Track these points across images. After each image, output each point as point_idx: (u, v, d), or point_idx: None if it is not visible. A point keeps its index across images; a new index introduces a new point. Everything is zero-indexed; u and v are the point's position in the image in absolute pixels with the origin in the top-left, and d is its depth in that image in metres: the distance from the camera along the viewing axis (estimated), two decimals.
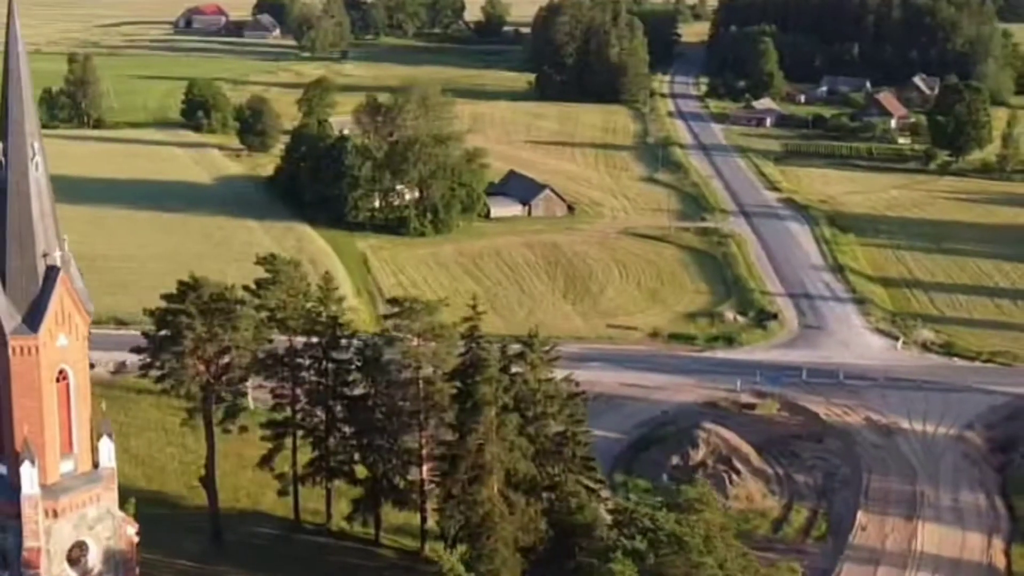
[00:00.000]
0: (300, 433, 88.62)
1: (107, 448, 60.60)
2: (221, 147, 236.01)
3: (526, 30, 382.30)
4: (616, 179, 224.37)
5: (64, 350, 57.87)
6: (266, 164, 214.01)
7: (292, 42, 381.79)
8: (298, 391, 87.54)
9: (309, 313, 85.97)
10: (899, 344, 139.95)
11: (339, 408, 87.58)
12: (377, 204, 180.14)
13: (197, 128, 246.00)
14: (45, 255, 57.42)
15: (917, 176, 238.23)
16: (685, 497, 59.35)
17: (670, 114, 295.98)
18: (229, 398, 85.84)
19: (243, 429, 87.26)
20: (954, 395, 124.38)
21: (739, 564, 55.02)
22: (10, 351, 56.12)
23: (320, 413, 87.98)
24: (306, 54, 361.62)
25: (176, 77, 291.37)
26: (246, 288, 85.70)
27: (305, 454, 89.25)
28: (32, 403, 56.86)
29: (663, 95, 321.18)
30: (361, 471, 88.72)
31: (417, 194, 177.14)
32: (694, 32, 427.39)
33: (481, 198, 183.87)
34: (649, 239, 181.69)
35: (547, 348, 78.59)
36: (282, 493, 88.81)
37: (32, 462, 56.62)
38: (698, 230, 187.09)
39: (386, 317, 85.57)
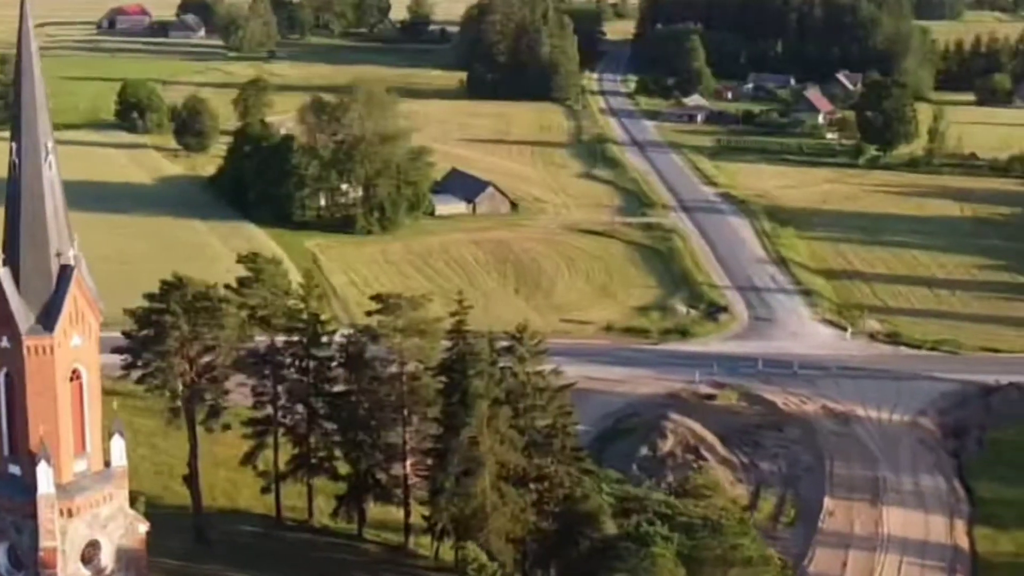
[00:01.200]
0: (281, 431, 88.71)
1: (118, 447, 60.63)
2: (158, 148, 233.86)
3: (453, 29, 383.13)
4: (555, 176, 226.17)
5: (78, 350, 57.83)
6: (205, 164, 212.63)
7: (218, 42, 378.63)
8: (279, 388, 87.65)
9: (291, 311, 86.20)
10: (848, 334, 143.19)
11: (320, 405, 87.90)
12: (323, 203, 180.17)
13: (132, 129, 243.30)
14: (59, 254, 57.37)
15: (848, 170, 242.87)
16: (693, 484, 60.74)
17: (602, 111, 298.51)
18: (211, 397, 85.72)
19: (226, 427, 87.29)
20: (905, 383, 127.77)
21: (758, 547, 56.68)
22: (25, 351, 55.95)
23: (301, 410, 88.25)
24: (233, 54, 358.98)
25: (105, 78, 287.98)
26: (227, 287, 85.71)
27: (287, 452, 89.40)
28: (47, 403, 56.76)
29: (593, 92, 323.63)
30: (343, 467, 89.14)
31: (363, 193, 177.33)
32: (618, 30, 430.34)
33: (427, 196, 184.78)
34: (594, 235, 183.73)
35: (535, 342, 79.74)
36: (265, 490, 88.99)
37: (48, 461, 56.62)
38: (641, 225, 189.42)
39: (369, 313, 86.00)
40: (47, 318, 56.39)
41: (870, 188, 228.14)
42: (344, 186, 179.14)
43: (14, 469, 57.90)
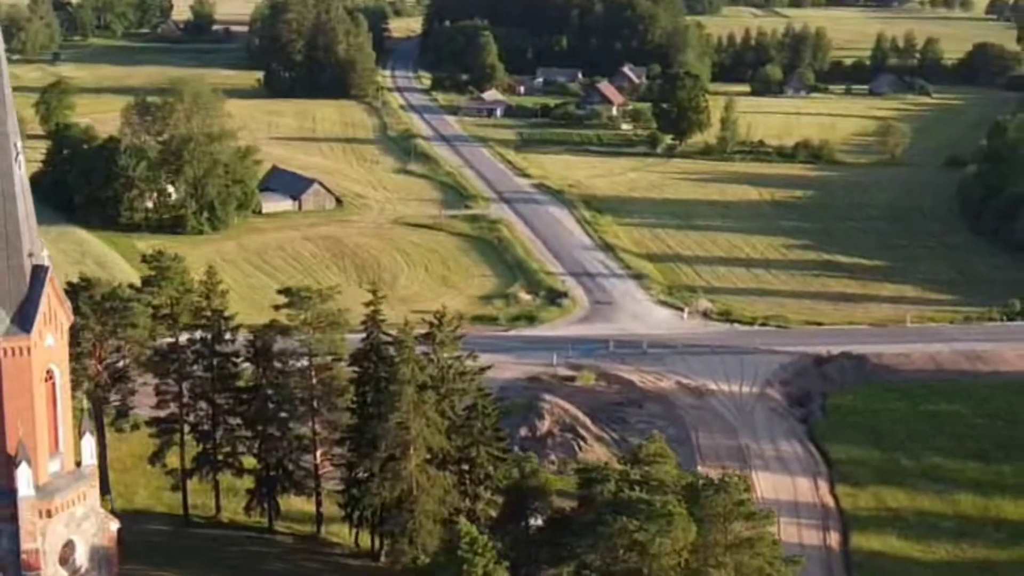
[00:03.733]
0: (186, 428, 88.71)
1: (88, 445, 60.74)
2: None
3: (237, 28, 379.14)
4: (370, 172, 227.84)
5: (51, 350, 57.93)
6: None
7: None
8: (183, 386, 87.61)
9: (197, 308, 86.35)
10: (685, 314, 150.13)
11: (224, 401, 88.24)
12: (150, 205, 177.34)
13: None
14: (31, 255, 57.24)
15: (647, 159, 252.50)
16: (647, 452, 64.38)
17: (402, 108, 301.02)
18: (119, 398, 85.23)
19: (135, 427, 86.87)
20: (746, 357, 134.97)
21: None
22: (1, 353, 55.66)
23: (205, 407, 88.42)
24: (17, 56, 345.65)
25: None
26: (131, 286, 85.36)
27: (193, 449, 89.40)
28: (24, 404, 56.58)
29: (389, 89, 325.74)
30: (249, 462, 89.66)
31: (192, 192, 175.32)
32: (401, 28, 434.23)
33: (255, 194, 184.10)
34: (422, 228, 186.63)
35: (452, 328, 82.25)
36: (175, 488, 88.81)
37: (28, 463, 56.40)
38: (466, 217, 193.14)
39: (277, 308, 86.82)
40: (23, 319, 56.20)
41: (672, 176, 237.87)
42: (169, 187, 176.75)
43: None
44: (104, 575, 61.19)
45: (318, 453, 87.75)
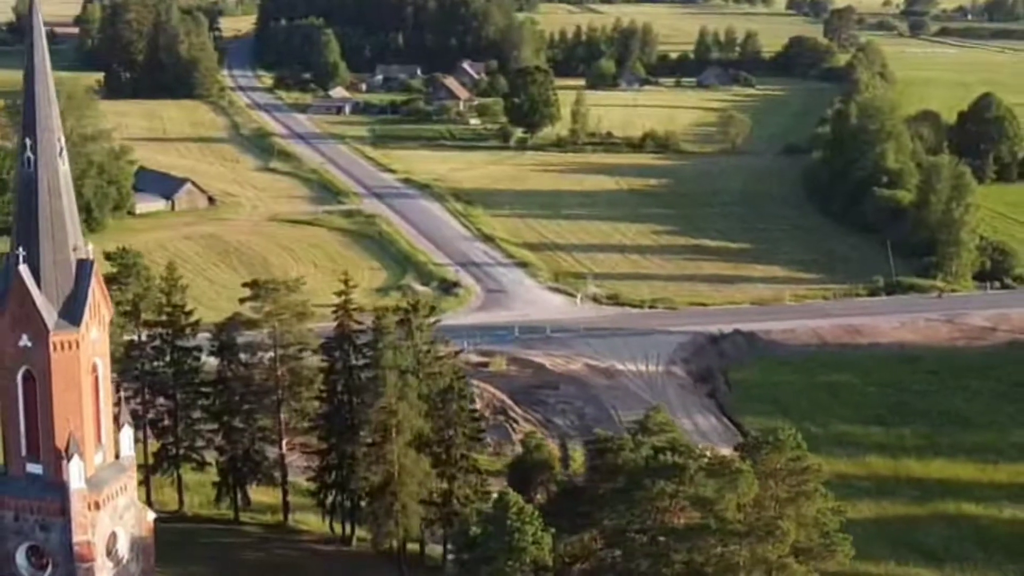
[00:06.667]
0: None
1: (127, 437, 61.37)
2: None
3: (63, 30, 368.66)
4: (233, 170, 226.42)
5: (96, 343, 58.46)
6: None
7: None
8: (144, 382, 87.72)
9: (160, 304, 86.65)
10: (578, 299, 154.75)
11: (185, 395, 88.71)
12: None
13: None
14: (75, 248, 57.78)
15: (502, 153, 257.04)
16: (655, 422, 67.96)
17: (249, 107, 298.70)
18: None
19: None
20: (646, 338, 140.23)
21: None
22: (51, 347, 56.06)
23: (164, 402, 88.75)
24: None
25: None
26: None
27: (154, 445, 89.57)
28: (73, 398, 57.07)
29: (232, 89, 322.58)
30: (211, 456, 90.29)
31: None
32: (229, 27, 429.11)
33: (131, 195, 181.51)
34: (301, 224, 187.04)
35: (426, 313, 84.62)
36: (140, 484, 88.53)
37: (81, 456, 56.94)
38: (343, 213, 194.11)
39: (243, 300, 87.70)
40: (71, 313, 56.69)
41: (529, 168, 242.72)
42: None
43: (35, 468, 57.67)
44: (142, 565, 61.81)
45: (283, 443, 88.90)
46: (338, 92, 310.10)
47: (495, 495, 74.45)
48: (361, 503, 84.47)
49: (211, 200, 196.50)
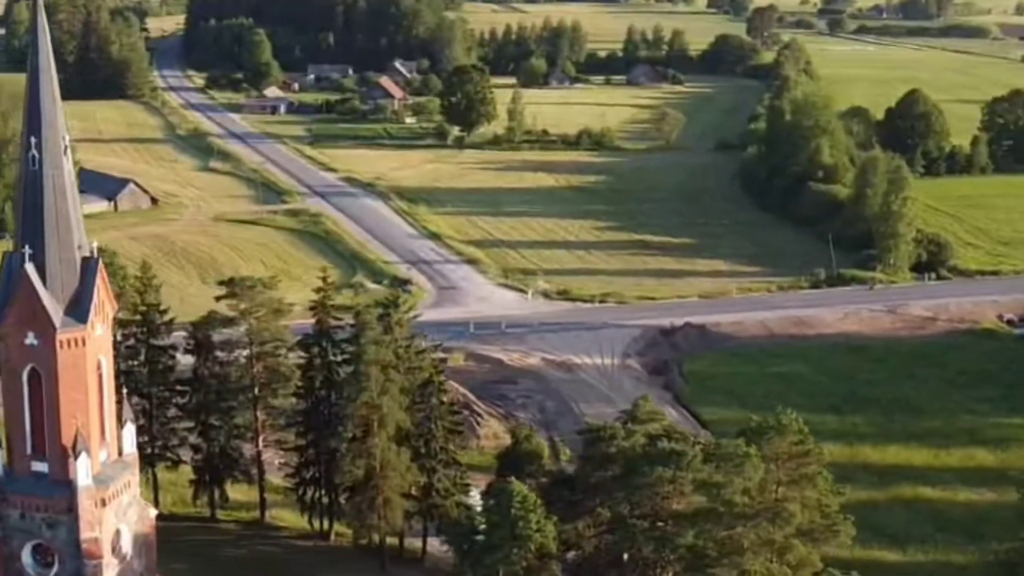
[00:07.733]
0: None
1: (130, 434, 61.71)
2: None
3: None
4: (172, 171, 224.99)
5: (101, 340, 58.92)
6: None
7: None
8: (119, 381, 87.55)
9: (135, 304, 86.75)
10: (529, 295, 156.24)
11: (160, 393, 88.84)
12: None
13: None
14: (80, 247, 58.10)
15: (440, 151, 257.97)
16: (643, 411, 69.54)
17: (183, 107, 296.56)
18: None
19: None
20: (599, 332, 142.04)
21: None
22: (58, 345, 56.37)
23: (140, 400, 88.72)
24: None
25: None
26: None
27: None
28: (80, 396, 57.46)
29: (163, 89, 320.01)
30: (185, 454, 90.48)
31: (10, 195, 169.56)
32: (154, 26, 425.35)
33: None
34: (246, 223, 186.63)
35: (406, 308, 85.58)
36: None
37: (88, 454, 57.30)
38: (287, 212, 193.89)
39: (219, 298, 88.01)
40: (77, 310, 57.06)
41: (468, 166, 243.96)
42: None
43: (40, 466, 57.94)
44: (144, 562, 62.27)
45: (260, 440, 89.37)
46: (272, 92, 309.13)
47: (476, 489, 76.03)
48: (340, 498, 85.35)
49: (154, 200, 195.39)
